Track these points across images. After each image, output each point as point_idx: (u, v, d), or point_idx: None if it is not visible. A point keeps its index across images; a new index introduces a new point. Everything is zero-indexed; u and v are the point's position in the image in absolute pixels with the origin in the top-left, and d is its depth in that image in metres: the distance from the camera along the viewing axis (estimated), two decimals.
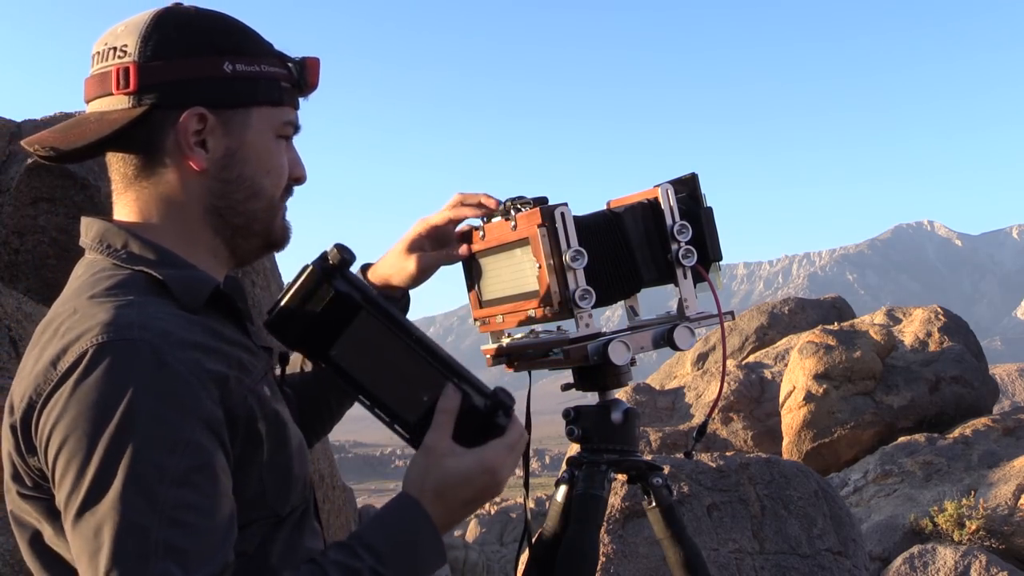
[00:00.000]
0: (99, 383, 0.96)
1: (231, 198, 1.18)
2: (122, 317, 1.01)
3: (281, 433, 1.11)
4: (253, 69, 1.17)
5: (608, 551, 3.83)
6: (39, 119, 4.80)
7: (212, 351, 1.05)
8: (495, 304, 1.53)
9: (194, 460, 0.96)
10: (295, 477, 1.13)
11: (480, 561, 17.28)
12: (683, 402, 10.77)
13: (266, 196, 1.20)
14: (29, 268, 4.31)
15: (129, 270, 1.11)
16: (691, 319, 1.49)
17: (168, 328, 1.02)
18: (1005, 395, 15.89)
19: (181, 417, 0.97)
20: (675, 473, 4.03)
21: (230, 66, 1.15)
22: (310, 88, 1.24)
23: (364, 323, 1.01)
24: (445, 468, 1.08)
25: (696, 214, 1.49)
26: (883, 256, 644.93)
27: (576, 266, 1.38)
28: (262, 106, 1.18)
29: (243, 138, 1.17)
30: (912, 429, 8.95)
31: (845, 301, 13.23)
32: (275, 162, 1.20)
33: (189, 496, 0.94)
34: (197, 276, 1.14)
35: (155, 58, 1.13)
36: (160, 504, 0.93)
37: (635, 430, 1.56)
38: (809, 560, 3.96)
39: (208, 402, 1.00)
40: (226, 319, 1.16)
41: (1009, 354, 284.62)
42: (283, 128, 1.21)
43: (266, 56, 1.19)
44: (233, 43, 1.17)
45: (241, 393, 1.05)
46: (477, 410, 1.07)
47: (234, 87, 1.15)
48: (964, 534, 6.13)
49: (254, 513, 1.07)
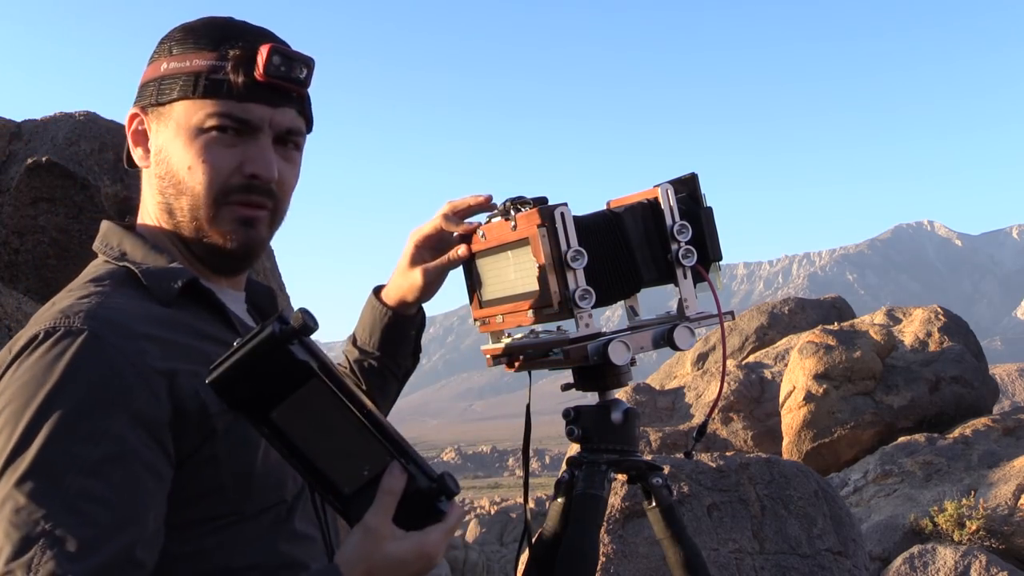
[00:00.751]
0: (33, 366, 0.99)
1: (166, 194, 1.20)
2: (76, 307, 1.04)
3: (246, 429, 1.05)
4: (181, 65, 1.17)
5: (608, 551, 3.83)
6: (39, 119, 4.80)
7: (167, 344, 1.06)
8: (495, 304, 1.53)
9: (109, 451, 0.96)
10: (262, 475, 1.10)
11: (480, 561, 17.28)
12: (683, 402, 10.77)
13: (189, 193, 1.17)
14: (29, 268, 4.31)
15: (115, 265, 1.17)
16: (691, 319, 1.49)
17: (118, 319, 1.04)
18: (1005, 395, 15.89)
19: (105, 408, 0.97)
20: (675, 473, 4.03)
21: (164, 66, 1.19)
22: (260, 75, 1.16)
23: (314, 390, 0.95)
24: (384, 551, 1.00)
25: (696, 214, 1.49)
26: (883, 256, 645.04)
27: (576, 266, 1.38)
28: (182, 100, 1.17)
29: (166, 134, 1.19)
30: (912, 429, 8.95)
31: (845, 301, 13.22)
32: (197, 157, 1.16)
33: (95, 486, 0.94)
34: (172, 269, 1.16)
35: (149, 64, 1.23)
36: (63, 490, 0.93)
37: (635, 430, 1.56)
38: (809, 560, 3.96)
39: (145, 396, 1.00)
40: (207, 312, 1.17)
41: (1009, 354, 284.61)
42: (209, 121, 1.16)
43: (204, 50, 1.17)
44: (175, 44, 1.19)
45: (192, 387, 1.04)
46: (421, 493, 1.02)
47: (162, 85, 1.18)
48: (964, 534, 6.13)
49: (211, 509, 1.06)
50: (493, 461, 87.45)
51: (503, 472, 78.32)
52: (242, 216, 1.19)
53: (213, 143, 1.17)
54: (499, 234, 1.48)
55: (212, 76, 1.16)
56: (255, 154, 1.18)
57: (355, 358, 1.56)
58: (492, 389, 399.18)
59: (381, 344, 1.53)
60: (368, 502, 1.00)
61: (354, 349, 1.56)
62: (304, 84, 1.21)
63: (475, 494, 45.88)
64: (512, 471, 74.78)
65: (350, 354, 1.57)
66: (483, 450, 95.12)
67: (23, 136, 4.67)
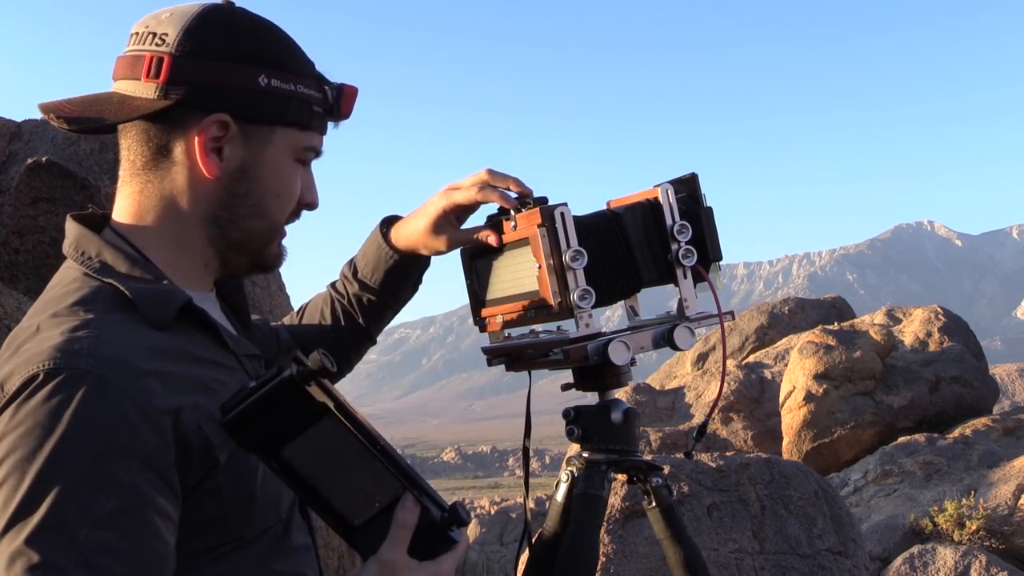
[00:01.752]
0: (36, 411, 0.93)
1: (234, 211, 1.15)
2: (73, 343, 0.98)
3: (245, 458, 1.04)
4: (287, 88, 1.14)
5: (608, 551, 3.83)
6: (39, 119, 4.80)
7: (169, 378, 1.02)
8: (495, 304, 1.53)
9: (122, 502, 0.92)
10: (262, 500, 1.09)
11: (480, 561, 17.28)
12: (683, 402, 10.77)
13: (270, 218, 1.17)
14: (29, 268, 4.32)
15: (99, 282, 1.08)
16: (691, 319, 1.49)
17: (120, 356, 0.98)
18: (1005, 395, 15.89)
19: (117, 457, 0.93)
20: (675, 473, 4.03)
21: (265, 80, 1.12)
22: (343, 116, 1.21)
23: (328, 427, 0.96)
24: None
25: (696, 214, 1.49)
26: (883, 256, 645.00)
27: (576, 266, 1.38)
28: (288, 127, 1.15)
29: (261, 155, 1.15)
30: (912, 429, 8.94)
31: (845, 301, 13.22)
32: (287, 186, 1.17)
33: (110, 539, 0.91)
34: (166, 291, 1.10)
35: (191, 55, 1.11)
36: (77, 545, 0.89)
37: (635, 430, 1.56)
38: (809, 560, 3.96)
39: (153, 439, 0.96)
40: (199, 332, 1.13)
41: (1009, 354, 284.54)
42: (304, 153, 1.18)
43: (303, 76, 1.16)
44: (272, 56, 1.14)
45: (194, 422, 1.01)
46: (434, 524, 1.03)
47: (264, 102, 1.13)
48: (964, 534, 6.13)
49: (213, 538, 1.04)
50: (493, 461, 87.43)
51: (503, 472, 78.31)
52: (284, 238, 1.23)
53: (297, 173, 1.19)
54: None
55: (315, 107, 1.17)
56: (310, 183, 1.22)
57: (354, 291, 1.54)
58: (492, 389, 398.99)
59: (384, 282, 1.52)
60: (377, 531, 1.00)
61: (354, 282, 1.54)
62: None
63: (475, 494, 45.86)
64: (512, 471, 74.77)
65: (349, 286, 1.55)
66: (483, 450, 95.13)
67: (23, 136, 4.67)
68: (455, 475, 77.26)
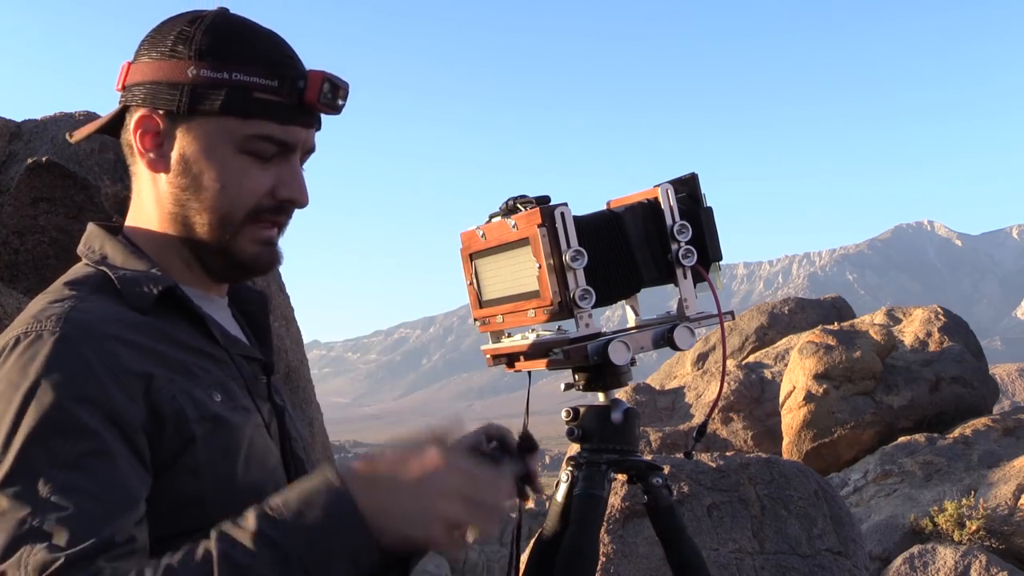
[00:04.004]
0: (7, 371, 0.99)
1: (186, 206, 1.15)
2: (48, 311, 1.04)
3: (226, 439, 1.07)
4: (218, 76, 1.11)
5: (608, 551, 3.83)
6: (39, 119, 4.80)
7: (140, 348, 1.04)
8: (495, 304, 1.53)
9: (88, 446, 0.95)
10: (243, 486, 1.07)
11: (480, 561, 17.28)
12: (683, 402, 10.77)
13: (219, 211, 1.14)
14: (29, 268, 4.31)
15: (92, 270, 1.14)
16: (691, 319, 1.49)
17: (89, 320, 1.03)
18: (1005, 395, 15.88)
19: (80, 405, 0.97)
20: (675, 473, 4.03)
21: (193, 71, 1.11)
22: (309, 104, 1.15)
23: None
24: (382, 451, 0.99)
25: (696, 214, 1.49)
26: (883, 256, 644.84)
27: (576, 266, 1.38)
28: (223, 116, 1.12)
29: (196, 147, 1.13)
30: (912, 429, 8.94)
31: (845, 301, 13.23)
32: (232, 177, 1.13)
33: (79, 479, 0.94)
34: (149, 276, 1.12)
35: (138, 59, 1.16)
36: (47, 487, 0.93)
37: (635, 430, 1.56)
38: (809, 560, 3.96)
39: (117, 396, 0.99)
40: (186, 322, 1.14)
41: (1009, 354, 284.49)
42: (249, 142, 1.13)
43: (245, 64, 1.12)
44: (208, 47, 1.12)
45: (169, 392, 1.03)
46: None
47: (192, 93, 1.11)
48: (964, 534, 6.13)
49: (193, 520, 1.02)
50: None
51: None
52: (265, 237, 1.18)
53: (250, 165, 1.14)
54: (499, 234, 1.48)
55: (259, 95, 1.12)
56: (288, 177, 1.17)
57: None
58: (492, 389, 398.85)
59: None
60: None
61: None
62: (340, 111, 1.19)
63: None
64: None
65: None
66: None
67: (23, 136, 4.67)
68: None
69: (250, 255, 1.18)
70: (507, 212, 1.47)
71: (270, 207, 1.17)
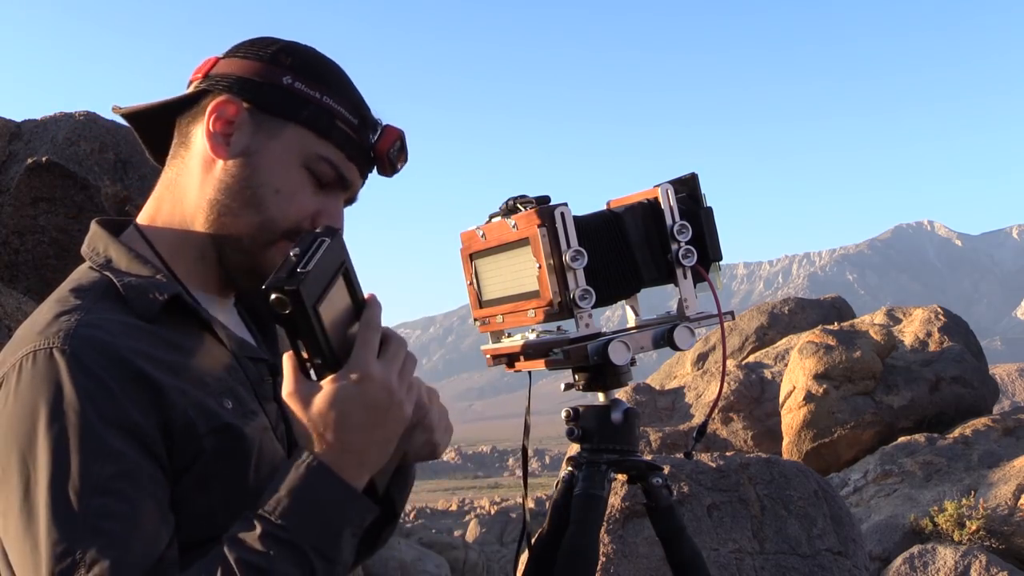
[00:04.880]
0: (23, 395, 0.97)
1: (232, 196, 1.15)
2: (54, 326, 1.02)
3: (236, 448, 1.07)
4: (311, 93, 1.16)
5: (608, 551, 3.83)
6: (39, 119, 4.80)
7: (151, 359, 1.03)
8: (495, 304, 1.53)
9: (115, 467, 0.95)
10: (253, 493, 1.06)
11: (480, 561, 17.28)
12: (683, 402, 10.77)
13: (266, 212, 1.15)
14: (29, 268, 4.32)
15: (98, 275, 1.13)
16: (691, 319, 1.49)
17: (99, 336, 1.01)
18: (1005, 395, 15.89)
19: (102, 425, 0.96)
20: (675, 473, 4.03)
21: (289, 79, 1.15)
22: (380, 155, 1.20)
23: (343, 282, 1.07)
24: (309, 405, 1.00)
25: (696, 214, 1.49)
26: (883, 256, 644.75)
27: (576, 266, 1.38)
28: (302, 126, 1.15)
29: (267, 145, 1.15)
30: (912, 429, 8.94)
31: (845, 301, 13.22)
32: (289, 186, 1.16)
33: (111, 504, 0.94)
34: (154, 284, 1.11)
35: (229, 56, 1.19)
36: (83, 514, 0.93)
37: (635, 430, 1.56)
38: (809, 560, 3.96)
39: (133, 410, 0.98)
40: (193, 328, 1.13)
41: (1009, 354, 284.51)
42: (315, 161, 1.16)
43: (338, 95, 1.17)
44: (304, 66, 1.17)
45: (181, 404, 1.02)
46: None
47: (281, 96, 1.15)
48: (964, 534, 6.13)
49: (203, 532, 1.03)
50: (493, 461, 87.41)
51: (503, 472, 78.30)
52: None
53: (307, 183, 1.17)
54: (499, 234, 1.48)
55: (340, 124, 1.16)
56: (333, 211, 1.20)
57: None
58: (492, 389, 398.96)
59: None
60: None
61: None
62: (395, 173, 1.24)
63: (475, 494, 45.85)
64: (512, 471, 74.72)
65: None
66: (483, 450, 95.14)
67: (23, 136, 4.67)
68: (455, 475, 77.27)
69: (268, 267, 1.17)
70: (507, 212, 1.47)
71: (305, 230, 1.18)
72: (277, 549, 0.94)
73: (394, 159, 1.21)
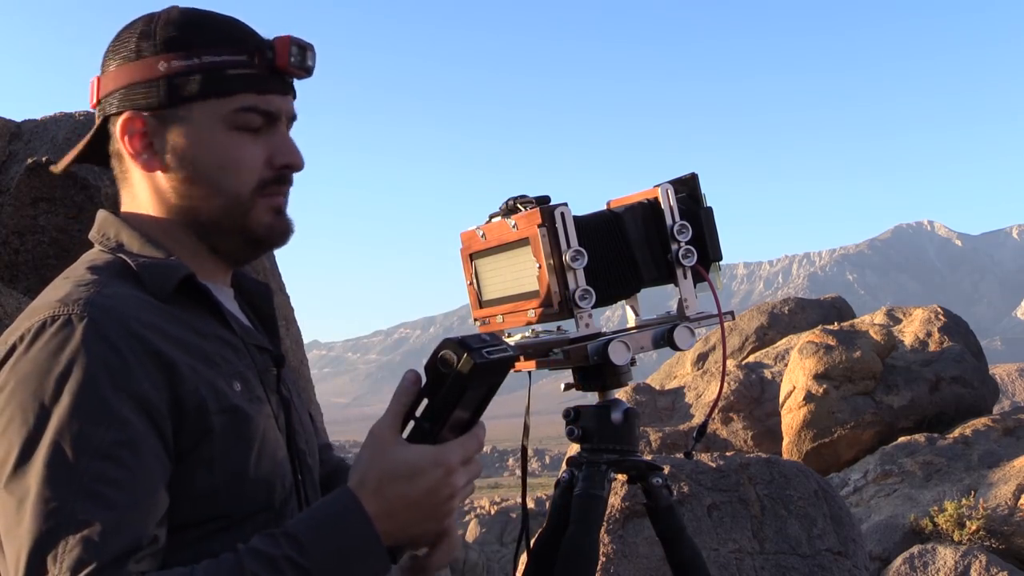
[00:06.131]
0: (36, 356, 0.98)
1: (191, 197, 1.16)
2: (74, 294, 1.03)
3: (242, 430, 1.08)
4: (189, 63, 1.13)
5: (608, 551, 3.83)
6: (39, 119, 4.80)
7: (166, 336, 1.04)
8: (495, 304, 1.53)
9: (120, 435, 0.96)
10: (254, 478, 1.09)
11: (480, 561, 17.28)
12: (683, 402, 10.76)
13: (227, 193, 1.16)
14: (29, 268, 4.31)
15: (111, 256, 1.14)
16: (691, 319, 1.49)
17: (117, 306, 1.03)
18: (1005, 395, 15.89)
19: (112, 392, 0.97)
20: (675, 473, 4.03)
21: (164, 65, 1.13)
22: (282, 70, 1.17)
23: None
24: (392, 456, 1.02)
25: (696, 214, 1.49)
26: (883, 256, 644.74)
27: (576, 266, 1.38)
28: (205, 99, 1.14)
29: (186, 136, 1.14)
30: (912, 429, 8.94)
31: (845, 301, 13.22)
32: (231, 156, 1.15)
33: (110, 470, 0.94)
34: (168, 264, 1.13)
35: (106, 69, 1.18)
36: (80, 476, 0.93)
37: (635, 430, 1.56)
38: (809, 560, 3.96)
39: (145, 382, 0.99)
40: (204, 311, 1.15)
41: (1009, 354, 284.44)
42: (236, 117, 1.15)
43: (212, 46, 1.14)
44: (171, 40, 1.14)
45: (193, 382, 1.04)
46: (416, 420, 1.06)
47: (169, 85, 1.13)
48: (964, 534, 6.13)
49: (203, 512, 1.04)
50: (493, 461, 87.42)
51: (503, 472, 78.31)
52: (276, 206, 1.20)
53: (242, 140, 1.16)
54: (499, 234, 1.48)
55: (233, 71, 1.15)
56: (281, 145, 1.19)
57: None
58: None
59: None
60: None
61: None
62: (312, 72, 1.22)
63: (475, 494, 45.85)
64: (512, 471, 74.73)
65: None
66: (483, 450, 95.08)
67: (23, 136, 4.67)
68: None
69: (265, 227, 1.19)
70: (507, 212, 1.47)
71: (272, 178, 1.19)
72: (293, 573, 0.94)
73: (300, 64, 1.19)
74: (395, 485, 1.01)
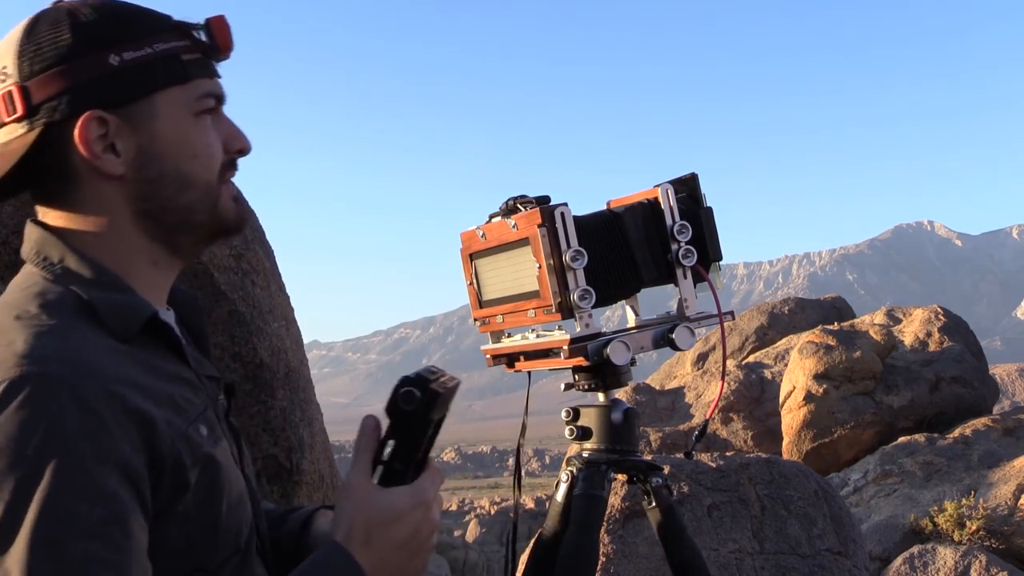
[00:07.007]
0: (9, 423, 0.89)
1: (160, 196, 1.08)
2: (40, 348, 0.94)
3: (214, 481, 1.03)
4: (143, 52, 1.06)
5: (608, 551, 3.83)
6: None
7: (139, 388, 0.97)
8: (495, 304, 1.53)
9: (107, 511, 0.89)
10: (226, 526, 1.04)
11: (480, 561, 17.28)
12: (683, 402, 10.77)
13: (199, 183, 1.10)
14: None
15: (62, 288, 1.04)
16: (691, 319, 1.49)
17: (90, 361, 0.95)
18: (1005, 395, 15.88)
19: (96, 464, 0.89)
20: (675, 473, 4.03)
21: (116, 58, 1.05)
22: (222, 50, 1.12)
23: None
24: (374, 502, 1.01)
25: (696, 214, 1.49)
26: (883, 256, 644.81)
27: (576, 266, 1.38)
28: (165, 89, 1.07)
29: (153, 130, 1.07)
30: (912, 429, 8.94)
31: (845, 301, 13.22)
32: (200, 143, 1.10)
33: (99, 550, 0.87)
34: (131, 302, 1.06)
35: (35, 73, 1.04)
36: (68, 557, 0.86)
37: (635, 430, 1.56)
38: (809, 560, 3.96)
39: (126, 447, 0.92)
40: (163, 348, 1.08)
41: (1009, 354, 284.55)
42: (199, 103, 1.10)
43: (158, 33, 1.08)
44: (114, 31, 1.06)
45: (169, 436, 0.97)
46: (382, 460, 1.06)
47: (126, 79, 1.05)
48: (964, 534, 6.13)
49: (177, 567, 0.99)
50: (493, 461, 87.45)
51: (503, 472, 78.29)
52: (235, 192, 1.16)
53: (206, 127, 1.11)
54: (499, 234, 1.48)
55: (184, 56, 1.08)
56: (231, 129, 1.14)
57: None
58: (492, 389, 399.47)
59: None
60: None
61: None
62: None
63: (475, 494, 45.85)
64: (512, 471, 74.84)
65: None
66: (483, 450, 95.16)
67: None
68: (455, 475, 77.25)
69: (231, 214, 1.15)
70: (507, 212, 1.47)
71: (228, 163, 1.14)
72: None
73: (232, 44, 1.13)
74: (382, 531, 1.00)
